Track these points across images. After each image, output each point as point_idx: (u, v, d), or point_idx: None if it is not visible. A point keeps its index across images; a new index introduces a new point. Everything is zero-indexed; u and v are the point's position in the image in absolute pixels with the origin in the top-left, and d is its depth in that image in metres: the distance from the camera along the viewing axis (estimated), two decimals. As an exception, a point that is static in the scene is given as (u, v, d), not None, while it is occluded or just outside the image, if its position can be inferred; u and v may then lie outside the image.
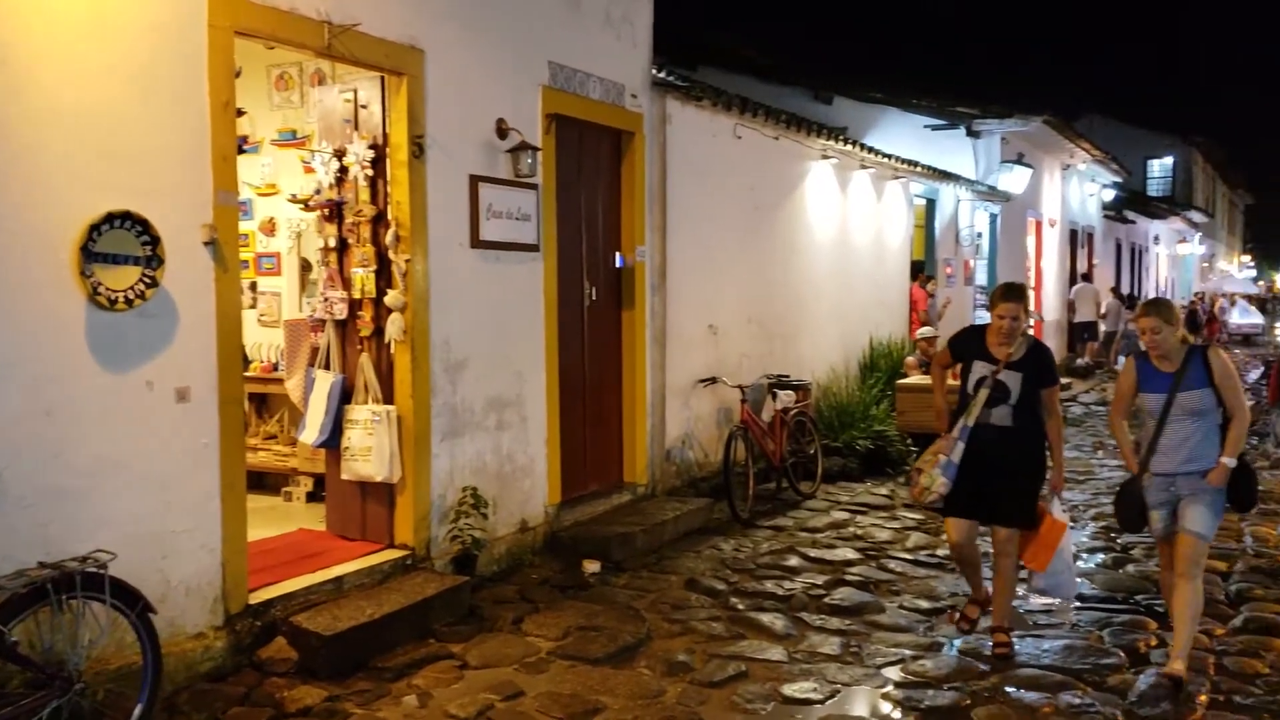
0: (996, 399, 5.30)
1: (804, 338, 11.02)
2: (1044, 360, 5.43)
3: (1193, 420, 5.01)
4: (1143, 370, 5.17)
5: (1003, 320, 5.31)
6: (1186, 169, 42.58)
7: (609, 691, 4.96)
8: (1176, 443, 5.03)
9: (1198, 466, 5.00)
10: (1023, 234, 19.47)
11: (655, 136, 8.38)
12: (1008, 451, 5.32)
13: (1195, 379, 5.01)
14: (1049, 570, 5.36)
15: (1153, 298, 5.36)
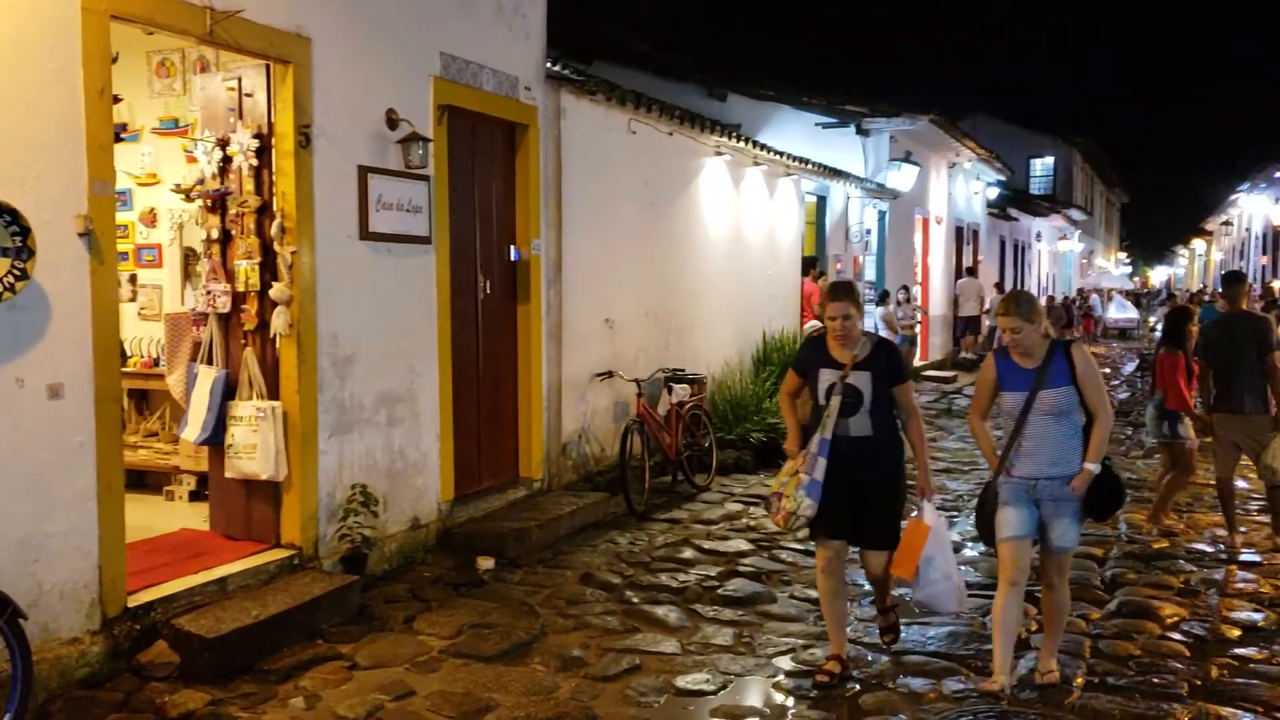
0: (850, 405, 4.90)
1: (699, 332, 11.10)
2: (891, 358, 5.05)
3: (1054, 420, 4.71)
4: (1003, 367, 4.87)
5: (834, 322, 4.91)
6: (1067, 168, 44.08)
7: (502, 689, 4.93)
8: (1038, 444, 4.74)
9: (1060, 471, 4.73)
10: (910, 231, 19.93)
11: (550, 130, 8.35)
12: (871, 463, 4.94)
13: (1057, 376, 4.72)
14: (923, 580, 4.95)
15: (1012, 292, 5.03)
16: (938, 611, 5.36)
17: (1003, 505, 4.83)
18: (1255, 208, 31.66)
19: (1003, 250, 30.77)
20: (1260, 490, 8.14)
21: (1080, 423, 4.77)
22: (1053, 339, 4.85)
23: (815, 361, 5.05)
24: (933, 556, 4.92)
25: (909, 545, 4.95)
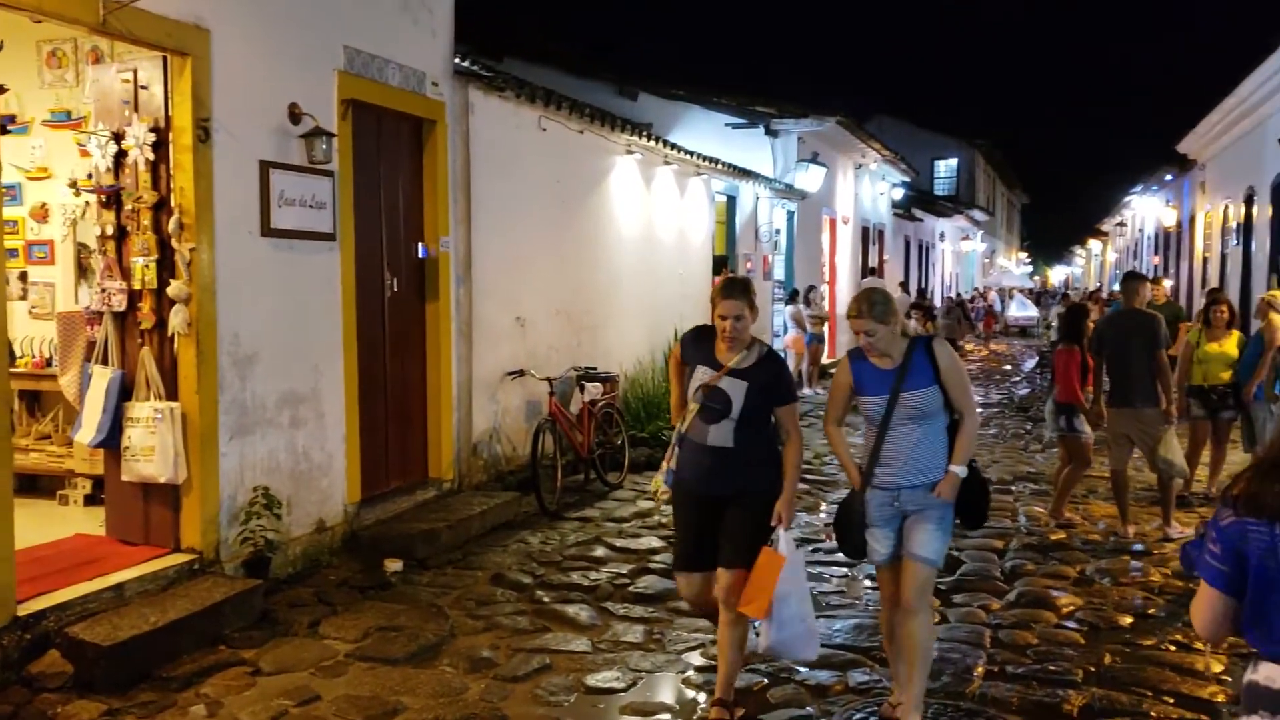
0: (715, 412, 4.45)
1: (611, 330, 11.11)
2: (777, 374, 4.57)
3: (918, 424, 4.33)
4: (859, 369, 4.46)
5: (725, 322, 4.47)
6: (969, 170, 45.16)
7: (409, 691, 4.87)
8: (900, 450, 4.34)
9: (924, 479, 4.32)
10: (818, 231, 20.21)
11: (458, 126, 8.27)
12: (725, 477, 4.47)
13: (919, 376, 4.32)
14: (776, 620, 4.36)
15: (865, 289, 4.61)
16: (791, 659, 4.82)
17: (869, 526, 4.45)
18: (1147, 209, 32.75)
19: (908, 250, 31.41)
20: (1153, 482, 8.42)
21: (945, 425, 4.40)
22: (912, 336, 4.49)
23: (697, 355, 4.63)
24: (788, 594, 4.35)
25: (760, 580, 4.36)
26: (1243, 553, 2.24)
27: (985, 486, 4.57)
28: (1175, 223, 27.37)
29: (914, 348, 4.40)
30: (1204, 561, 2.31)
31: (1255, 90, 16.94)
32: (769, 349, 4.62)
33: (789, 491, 4.50)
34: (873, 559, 4.52)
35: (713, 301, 4.58)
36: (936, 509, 4.36)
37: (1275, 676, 2.26)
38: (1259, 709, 2.29)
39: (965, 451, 4.38)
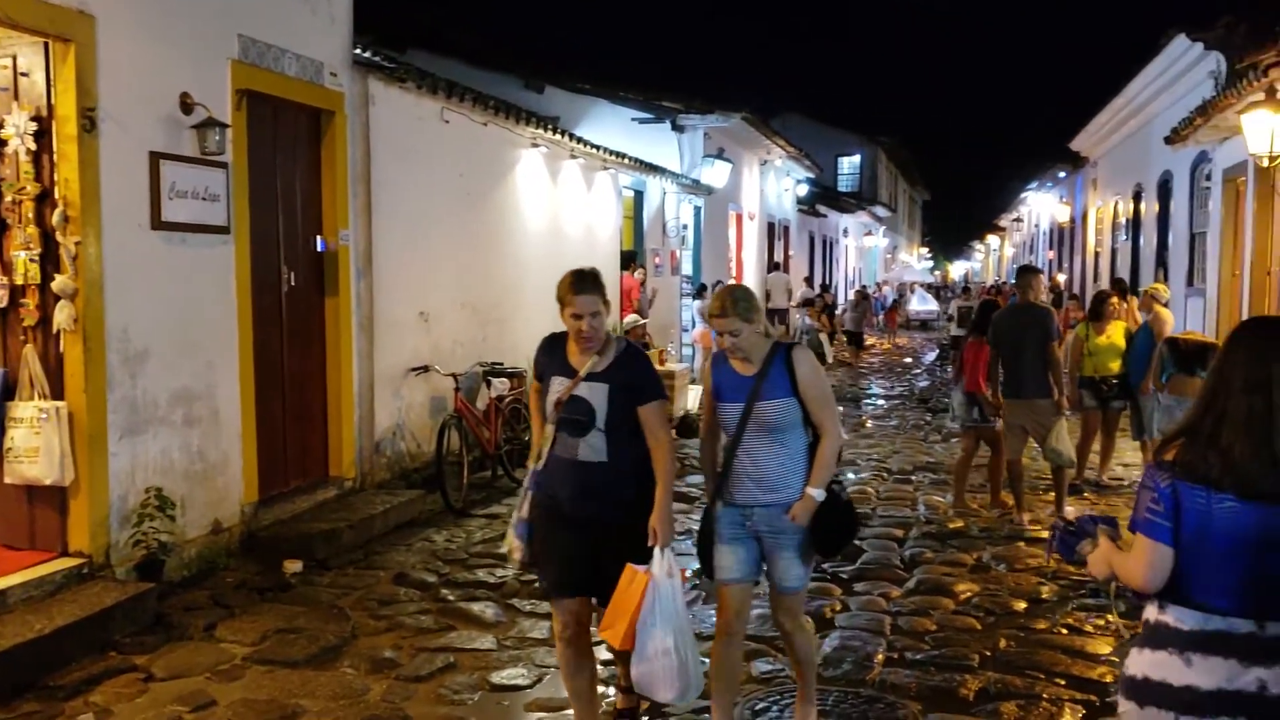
0: (578, 424, 4.02)
1: (519, 324, 11.02)
2: (639, 369, 4.14)
3: (772, 438, 3.98)
4: (719, 375, 4.11)
5: (579, 321, 3.99)
6: (872, 167, 45.96)
7: (309, 694, 4.77)
8: (752, 465, 3.99)
9: (778, 498, 3.98)
10: (725, 226, 20.37)
11: (358, 117, 8.12)
12: (602, 496, 4.04)
13: (776, 386, 3.97)
14: (638, 650, 3.90)
15: (728, 286, 4.39)
16: (651, 699, 4.22)
17: (718, 542, 4.08)
18: (1042, 205, 33.74)
19: (812, 245, 31.86)
20: (1047, 471, 8.66)
21: (806, 441, 4.05)
22: (775, 341, 4.09)
23: (550, 367, 4.16)
24: (652, 622, 3.85)
25: (621, 603, 3.92)
26: (1179, 512, 2.50)
27: (849, 512, 4.14)
28: (1069, 218, 28.25)
29: (774, 355, 4.02)
30: (1147, 521, 2.54)
31: (1142, 90, 17.54)
32: (627, 344, 4.22)
33: (661, 505, 4.00)
34: (717, 576, 4.10)
35: (561, 300, 4.05)
36: (792, 534, 3.99)
37: (1184, 618, 2.53)
38: (1167, 646, 2.56)
39: (824, 472, 3.98)
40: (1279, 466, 2.42)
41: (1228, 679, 2.46)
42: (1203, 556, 2.50)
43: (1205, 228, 14.48)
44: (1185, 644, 2.52)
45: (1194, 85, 14.35)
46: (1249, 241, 12.31)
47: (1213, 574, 2.49)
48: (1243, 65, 10.28)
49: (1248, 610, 2.47)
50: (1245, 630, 2.47)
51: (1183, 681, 2.51)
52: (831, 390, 4.19)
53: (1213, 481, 2.47)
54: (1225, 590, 2.49)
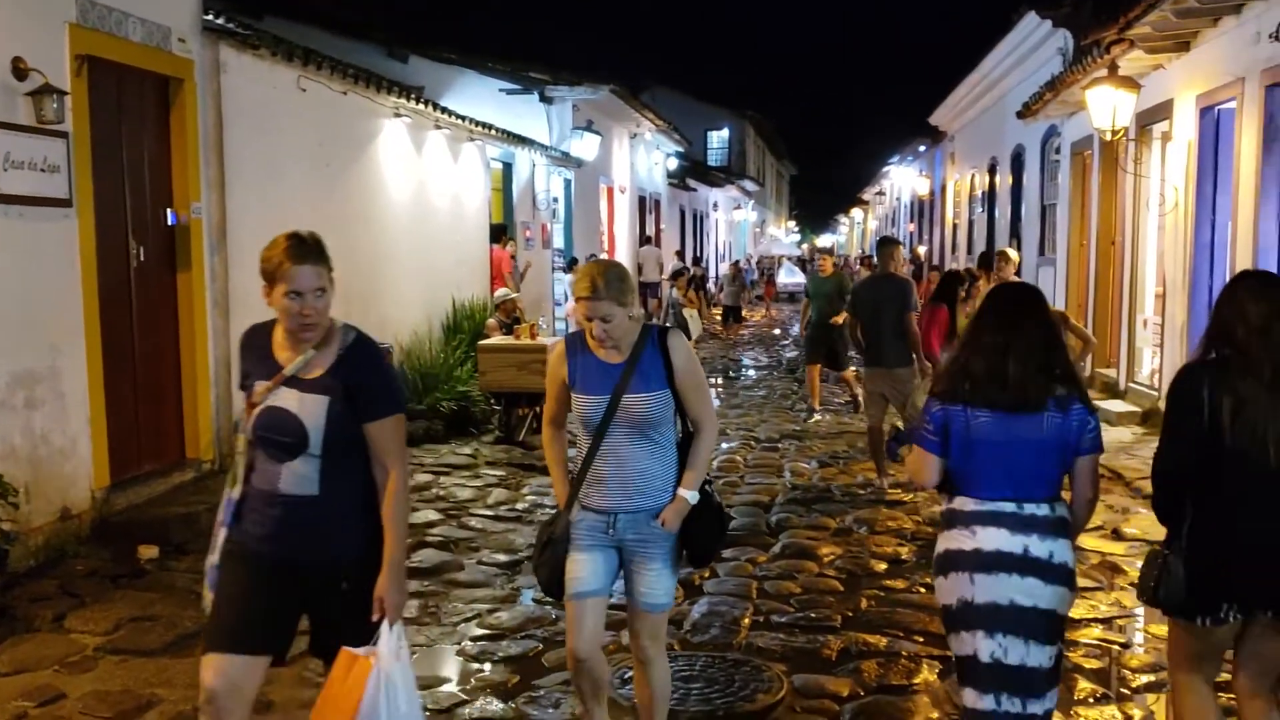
0: (280, 445, 3.06)
1: (385, 299, 10.81)
2: (371, 370, 3.16)
3: (641, 435, 3.51)
4: (578, 362, 3.60)
5: (299, 301, 3.03)
6: (740, 141, 46.47)
7: (165, 683, 4.61)
8: (618, 467, 3.51)
9: (646, 502, 3.52)
10: (596, 199, 20.35)
11: (209, 85, 7.80)
12: (315, 539, 3.10)
13: (649, 376, 3.50)
14: None
15: (598, 261, 3.92)
16: None
17: (573, 551, 3.57)
18: (904, 179, 34.67)
19: (683, 219, 32.09)
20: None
21: (675, 438, 3.62)
22: (646, 324, 3.62)
23: (254, 368, 3.18)
24: (376, 716, 2.97)
25: (336, 699, 3.01)
26: (948, 428, 3.27)
27: (720, 515, 3.70)
28: (928, 191, 29.10)
29: (645, 340, 3.54)
30: (922, 436, 3.35)
31: (996, 66, 18.16)
32: (357, 334, 3.22)
33: (391, 565, 3.09)
34: (566, 589, 3.56)
35: (273, 275, 3.07)
36: (661, 542, 3.54)
37: (967, 503, 3.28)
38: (958, 525, 3.28)
39: (699, 471, 3.56)
40: (1010, 388, 3.19)
41: (1003, 544, 3.19)
42: (972, 457, 3.25)
43: (1055, 199, 15.10)
44: (970, 521, 3.25)
45: (1044, 61, 14.92)
46: (1095, 213, 12.89)
47: (981, 469, 3.25)
48: (1088, 42, 10.71)
49: (1009, 495, 3.21)
50: (1010, 510, 3.21)
51: (971, 547, 3.22)
52: (704, 374, 3.76)
53: (968, 401, 3.24)
54: (992, 481, 3.24)
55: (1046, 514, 3.21)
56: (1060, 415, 3.19)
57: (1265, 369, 3.14)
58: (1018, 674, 3.17)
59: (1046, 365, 3.21)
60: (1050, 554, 3.17)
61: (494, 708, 4.42)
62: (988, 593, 3.19)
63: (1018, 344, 3.20)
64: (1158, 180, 10.59)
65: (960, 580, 3.23)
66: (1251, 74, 8.50)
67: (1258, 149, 8.47)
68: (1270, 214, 8.50)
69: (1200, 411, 3.18)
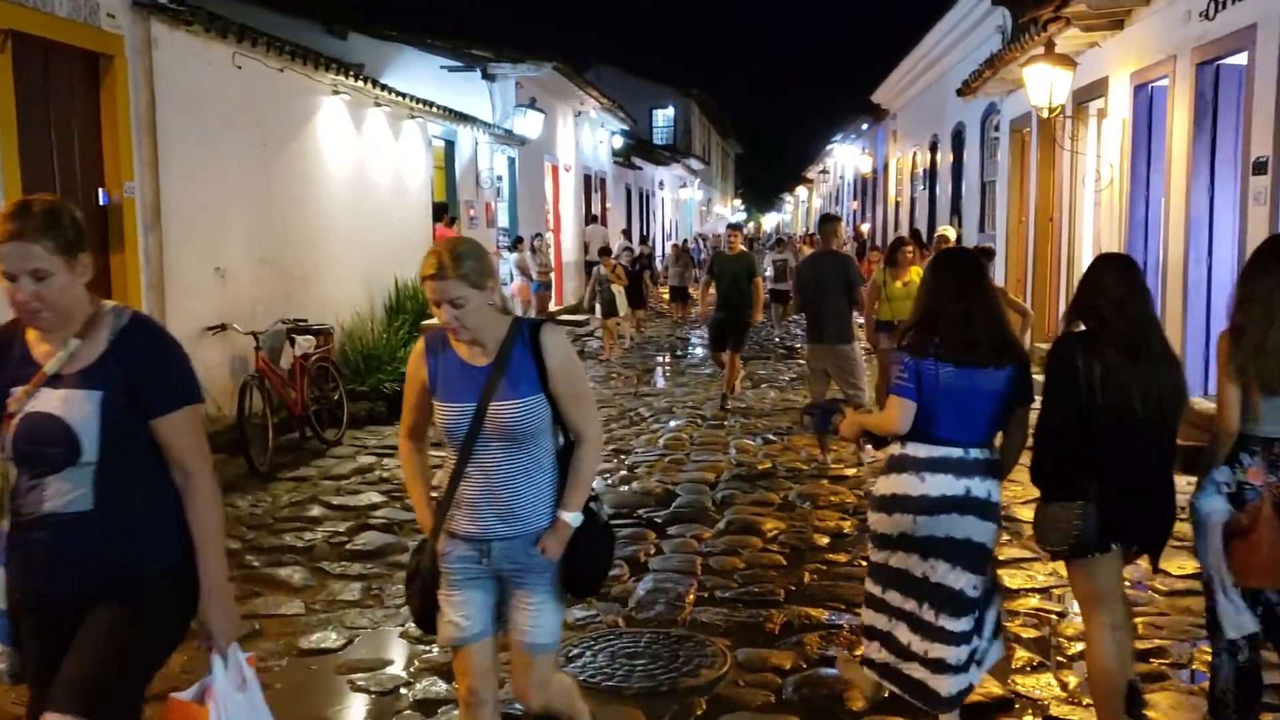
0: (45, 457, 2.56)
1: (325, 279, 10.68)
2: (153, 356, 2.70)
3: (514, 450, 3.02)
4: (439, 362, 3.09)
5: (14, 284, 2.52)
6: (686, 119, 46.42)
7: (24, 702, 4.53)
8: (489, 486, 3.03)
9: (523, 527, 3.05)
10: (541, 178, 20.22)
11: (140, 61, 7.63)
12: (92, 571, 2.59)
13: (519, 381, 3.01)
14: None
15: (448, 239, 3.25)
16: None
17: (446, 588, 3.10)
18: (847, 157, 34.90)
19: (629, 197, 32.02)
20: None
21: (553, 449, 3.13)
22: (517, 318, 3.13)
23: (8, 372, 2.64)
24: None
25: None
26: (920, 376, 3.66)
27: (607, 538, 3.24)
28: (871, 169, 29.32)
29: (514, 337, 3.04)
30: (899, 385, 3.73)
31: (937, 43, 18.30)
32: (133, 315, 2.73)
33: (212, 589, 2.68)
34: (444, 634, 3.14)
35: None
36: (542, 572, 3.09)
37: (919, 449, 3.71)
38: (907, 470, 3.72)
39: (582, 490, 3.11)
40: (973, 346, 3.66)
41: (948, 489, 3.67)
42: (933, 407, 3.68)
43: (995, 176, 15.27)
44: (920, 467, 3.70)
45: (984, 39, 15.05)
46: (1033, 189, 13.07)
47: (938, 417, 3.69)
48: (1025, 20, 10.83)
49: (957, 440, 3.69)
50: (957, 455, 3.69)
51: (919, 492, 3.69)
52: (587, 379, 3.33)
53: (935, 356, 3.67)
54: (945, 427, 3.69)
55: (985, 457, 3.74)
56: (1004, 370, 3.70)
57: (1123, 340, 3.54)
58: (938, 589, 3.71)
59: (999, 326, 3.75)
60: (988, 493, 3.72)
61: (438, 689, 4.40)
62: (928, 529, 3.70)
63: (978, 307, 3.71)
64: (1094, 157, 10.75)
65: (904, 519, 3.73)
66: (1183, 52, 8.65)
67: (1189, 126, 8.63)
68: (1201, 189, 8.67)
69: (1077, 378, 3.54)
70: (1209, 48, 8.27)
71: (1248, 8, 7.65)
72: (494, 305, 3.04)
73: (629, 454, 8.90)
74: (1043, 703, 4.20)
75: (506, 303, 3.20)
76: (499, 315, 3.07)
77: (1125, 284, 3.61)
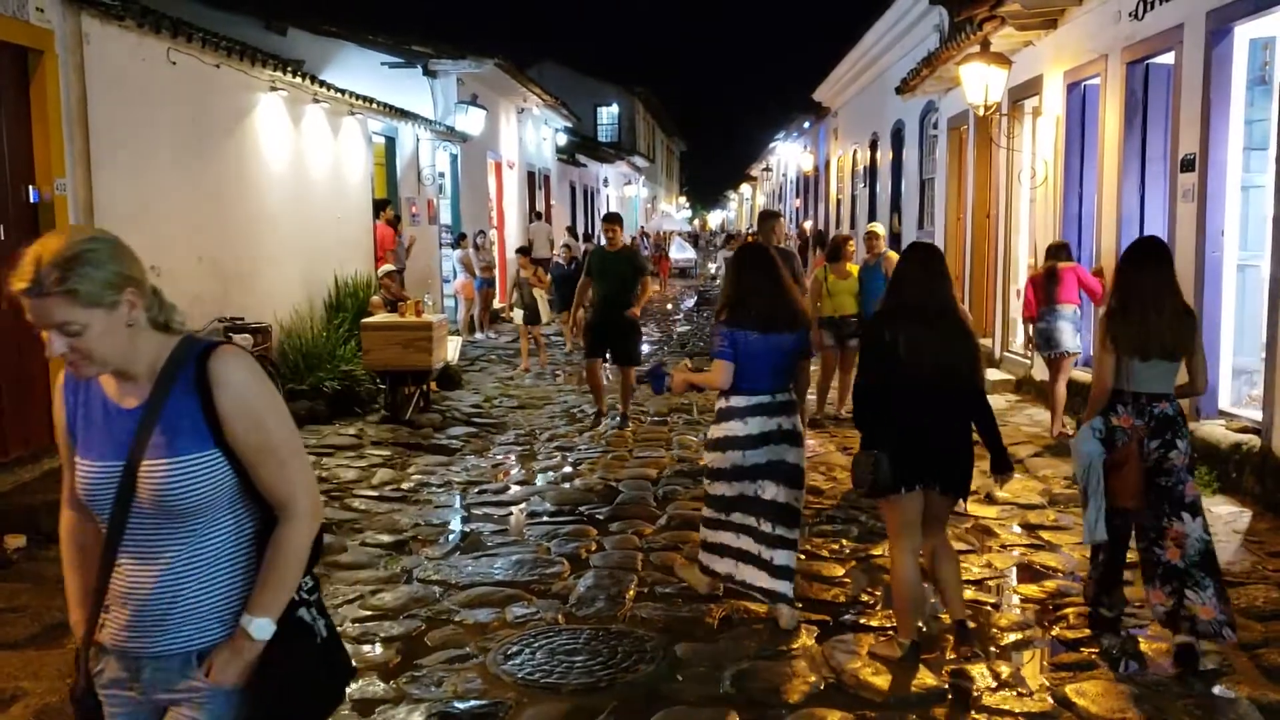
0: None
1: (263, 277, 10.55)
2: None
3: (177, 530, 2.15)
4: (79, 399, 2.23)
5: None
6: (630, 117, 46.45)
7: (32, 676, 4.45)
8: (137, 582, 2.17)
9: (182, 643, 2.18)
10: (484, 174, 20.12)
11: (71, 57, 7.47)
12: None
13: (177, 429, 2.13)
14: None
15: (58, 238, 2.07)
16: None
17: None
18: (789, 155, 35.13)
19: (573, 194, 31.96)
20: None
21: (246, 530, 2.23)
22: (188, 338, 2.22)
23: None
24: None
25: None
26: (735, 343, 4.87)
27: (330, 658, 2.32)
28: (813, 167, 29.54)
29: (177, 367, 2.16)
30: (720, 351, 4.92)
31: (876, 42, 18.49)
32: None
33: None
34: None
35: None
36: (208, 706, 2.18)
37: (741, 401, 4.94)
38: (733, 418, 4.96)
39: (278, 589, 2.19)
40: (773, 319, 4.89)
41: (765, 426, 4.93)
42: (748, 366, 4.89)
43: (934, 174, 15.48)
44: (743, 413, 4.95)
45: (922, 38, 15.24)
46: (970, 186, 13.27)
47: (751, 374, 4.90)
48: (961, 19, 10.99)
49: (768, 389, 4.93)
50: (768, 401, 4.94)
51: (744, 433, 4.94)
52: (293, 425, 2.25)
53: (746, 327, 4.87)
54: (758, 381, 4.92)
55: (787, 399, 5.01)
56: (794, 334, 4.98)
57: (921, 315, 4.37)
58: (771, 505, 4.92)
59: (791, 302, 5.03)
60: (793, 425, 5.01)
61: (375, 688, 4.38)
62: (754, 459, 4.92)
63: (776, 290, 4.98)
64: (1029, 154, 10.94)
65: (735, 454, 4.95)
66: (1114, 51, 8.84)
67: (1120, 124, 8.82)
68: (1132, 186, 8.87)
69: (884, 346, 4.37)
70: (1138, 47, 8.46)
71: (1175, 8, 7.84)
72: (137, 323, 2.13)
73: (572, 450, 8.90)
74: (976, 693, 4.27)
75: (170, 313, 2.22)
76: (155, 335, 2.17)
77: (925, 269, 4.50)
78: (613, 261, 9.79)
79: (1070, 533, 6.31)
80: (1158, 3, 8.11)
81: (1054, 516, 6.69)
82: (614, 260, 9.81)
